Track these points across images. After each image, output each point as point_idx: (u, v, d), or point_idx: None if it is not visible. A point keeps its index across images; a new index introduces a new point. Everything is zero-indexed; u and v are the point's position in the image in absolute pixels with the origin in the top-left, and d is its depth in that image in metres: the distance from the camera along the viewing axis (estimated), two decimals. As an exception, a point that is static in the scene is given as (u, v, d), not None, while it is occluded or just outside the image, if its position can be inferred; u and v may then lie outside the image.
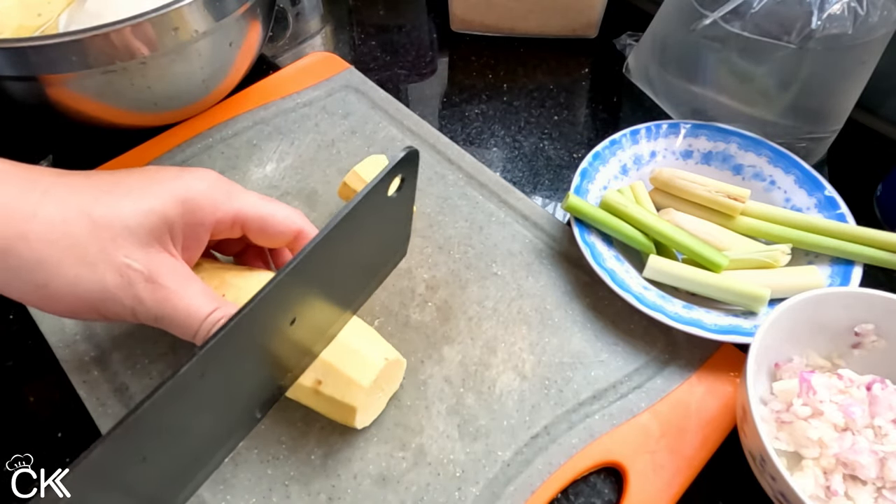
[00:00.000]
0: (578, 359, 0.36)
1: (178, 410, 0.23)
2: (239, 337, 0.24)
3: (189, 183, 0.28)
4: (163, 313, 0.27)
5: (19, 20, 0.45)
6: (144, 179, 0.28)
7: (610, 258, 0.39)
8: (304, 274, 0.26)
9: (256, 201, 0.31)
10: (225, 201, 0.29)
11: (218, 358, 0.23)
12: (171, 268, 0.27)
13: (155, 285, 0.26)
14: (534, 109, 0.54)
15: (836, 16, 0.39)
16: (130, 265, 0.26)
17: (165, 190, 0.27)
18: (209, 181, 0.29)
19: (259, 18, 0.47)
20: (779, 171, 0.44)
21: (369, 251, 0.32)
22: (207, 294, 0.28)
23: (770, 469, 0.28)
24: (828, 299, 0.33)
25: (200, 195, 0.28)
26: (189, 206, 0.28)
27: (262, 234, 0.31)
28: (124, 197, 0.27)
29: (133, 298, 0.26)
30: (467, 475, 0.32)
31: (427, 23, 0.64)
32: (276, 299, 0.25)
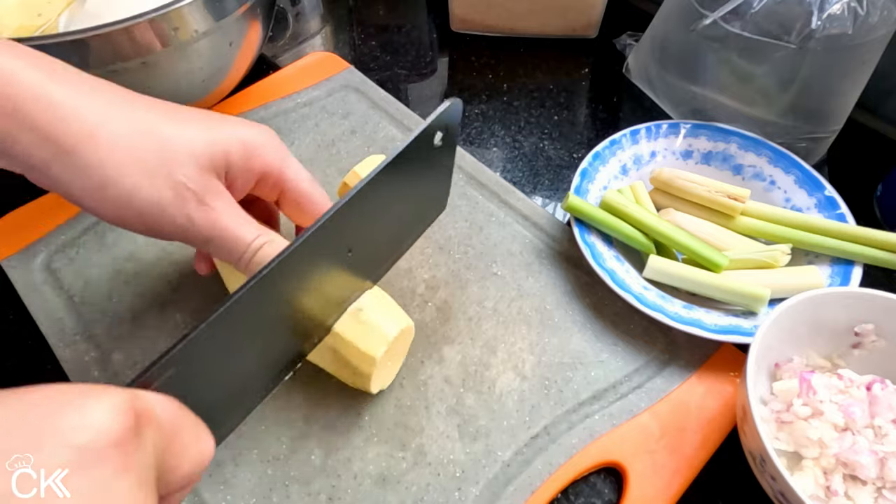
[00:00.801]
0: (578, 359, 0.36)
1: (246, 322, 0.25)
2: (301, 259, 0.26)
3: (253, 131, 0.30)
4: (211, 234, 0.28)
5: (19, 20, 0.45)
6: (212, 116, 0.29)
7: (610, 258, 0.39)
8: (359, 207, 0.28)
9: (302, 173, 0.32)
10: (278, 159, 0.30)
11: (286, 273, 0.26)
12: (221, 194, 0.28)
13: (206, 207, 0.27)
14: (534, 109, 0.54)
15: (836, 16, 0.39)
16: (186, 184, 0.27)
17: (231, 129, 0.29)
18: (269, 137, 0.31)
19: (259, 18, 0.47)
20: (779, 171, 0.44)
21: (414, 197, 0.34)
22: (252, 222, 0.29)
23: (770, 469, 0.28)
24: (828, 299, 0.33)
25: (260, 144, 0.30)
26: (248, 149, 0.29)
27: (295, 206, 0.32)
28: (192, 124, 0.28)
29: (185, 217, 0.27)
30: (467, 475, 0.32)
31: (427, 23, 0.64)
32: (336, 226, 0.27)
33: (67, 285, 0.39)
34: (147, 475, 0.16)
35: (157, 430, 0.17)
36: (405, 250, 0.38)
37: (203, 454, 0.20)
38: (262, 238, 0.28)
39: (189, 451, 0.19)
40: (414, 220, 0.36)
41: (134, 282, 0.39)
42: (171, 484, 0.18)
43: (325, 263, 0.29)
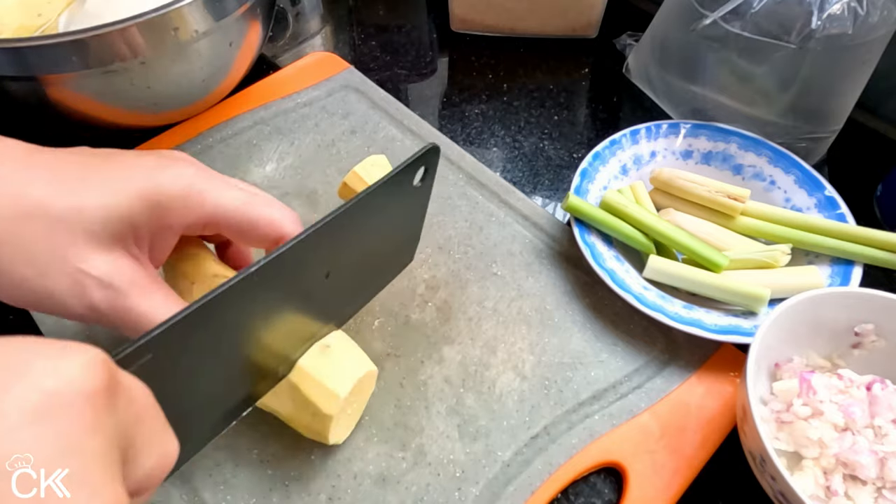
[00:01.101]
0: (578, 359, 0.36)
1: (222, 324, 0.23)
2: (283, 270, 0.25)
3: (161, 181, 0.26)
4: (121, 320, 0.25)
5: (19, 20, 0.45)
6: (118, 171, 0.26)
7: (610, 258, 0.39)
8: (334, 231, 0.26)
9: (235, 205, 0.28)
10: (197, 204, 0.27)
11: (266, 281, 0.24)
12: (131, 273, 0.25)
13: (113, 291, 0.25)
14: (534, 109, 0.54)
15: (836, 16, 0.39)
16: (87, 271, 0.24)
17: (134, 187, 0.25)
18: (184, 178, 0.27)
19: (259, 18, 0.47)
20: (779, 171, 0.44)
21: (383, 240, 0.33)
22: (170, 299, 0.26)
23: (770, 469, 0.28)
24: (828, 299, 0.33)
25: (171, 198, 0.26)
26: (157, 209, 0.26)
27: (239, 236, 0.29)
28: (89, 193, 0.25)
29: (86, 306, 0.25)
30: (467, 475, 0.32)
31: (427, 23, 0.64)
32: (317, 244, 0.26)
33: (67, 285, 0.39)
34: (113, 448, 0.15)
35: (128, 405, 0.16)
36: (371, 297, 0.36)
37: (167, 454, 0.18)
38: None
39: (154, 444, 0.18)
40: (384, 264, 0.35)
41: (134, 282, 0.39)
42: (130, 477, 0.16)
43: (304, 281, 0.27)
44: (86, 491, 0.14)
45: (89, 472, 0.14)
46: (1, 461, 0.13)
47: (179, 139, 0.47)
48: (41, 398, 0.14)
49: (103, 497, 0.14)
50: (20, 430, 0.13)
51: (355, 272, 0.32)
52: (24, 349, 0.15)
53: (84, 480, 0.14)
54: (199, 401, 0.25)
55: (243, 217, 0.28)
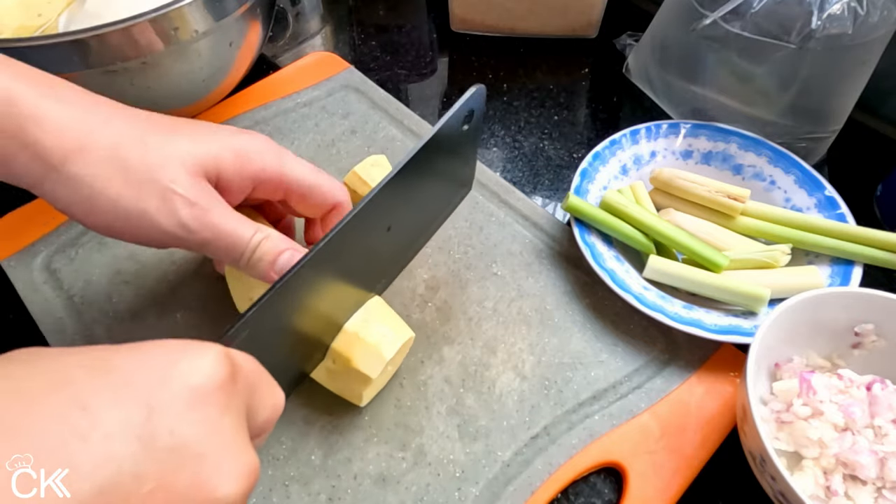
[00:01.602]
0: (578, 359, 0.36)
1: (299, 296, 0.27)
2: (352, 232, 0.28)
3: (244, 139, 0.30)
4: (206, 236, 0.27)
5: (19, 20, 0.45)
6: (203, 128, 0.29)
7: (610, 258, 0.39)
8: (397, 187, 0.30)
9: (304, 169, 0.31)
10: (274, 163, 0.30)
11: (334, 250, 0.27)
12: (212, 196, 0.28)
13: (199, 209, 0.27)
14: (534, 109, 0.54)
15: (836, 16, 0.39)
16: (175, 189, 0.27)
17: (223, 139, 0.29)
18: (262, 142, 0.30)
19: (259, 18, 0.47)
20: (779, 171, 0.44)
21: (443, 177, 0.35)
22: (246, 219, 0.29)
23: (770, 469, 0.28)
24: (828, 299, 0.33)
25: (253, 150, 0.30)
26: (240, 157, 0.29)
27: (302, 200, 0.32)
28: (181, 134, 0.28)
29: (175, 222, 0.27)
30: (467, 475, 0.32)
31: (427, 23, 0.64)
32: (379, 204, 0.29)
33: (67, 285, 0.39)
34: (242, 416, 0.19)
35: (245, 380, 0.20)
36: (435, 230, 0.39)
37: (277, 404, 0.22)
38: (259, 234, 0.28)
39: (266, 401, 0.21)
40: (443, 199, 0.38)
41: (134, 282, 0.39)
42: (253, 429, 0.20)
43: (367, 241, 0.30)
44: (229, 460, 0.18)
45: (229, 444, 0.18)
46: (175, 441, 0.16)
47: (179, 139, 0.47)
48: (192, 393, 0.17)
49: (241, 461, 0.18)
50: (183, 418, 0.17)
51: (415, 218, 0.35)
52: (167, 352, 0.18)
53: (227, 451, 0.18)
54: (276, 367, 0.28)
55: (313, 181, 0.31)
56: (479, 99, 0.32)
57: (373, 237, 0.31)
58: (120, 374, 0.17)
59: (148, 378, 0.17)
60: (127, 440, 0.16)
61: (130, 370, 0.17)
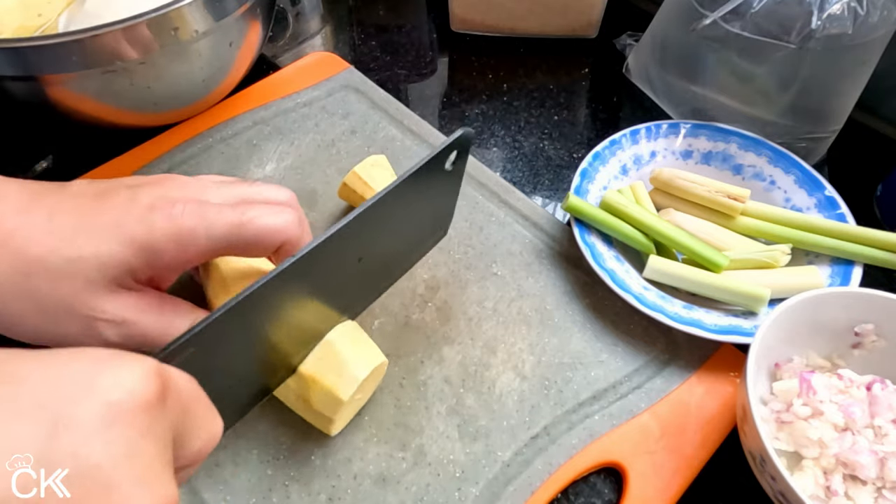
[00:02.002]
0: (578, 359, 0.36)
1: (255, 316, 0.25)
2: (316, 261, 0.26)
3: (154, 225, 0.26)
4: (139, 343, 0.27)
5: (20, 20, 0.45)
6: (108, 215, 0.27)
7: (610, 258, 0.39)
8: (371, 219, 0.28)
9: (229, 232, 0.27)
10: (192, 243, 0.27)
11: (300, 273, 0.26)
12: (137, 303, 0.27)
13: (125, 324, 0.26)
14: (534, 109, 0.54)
15: (836, 16, 0.39)
16: (95, 316, 0.26)
17: (128, 235, 0.26)
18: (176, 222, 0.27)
19: (259, 18, 0.47)
20: (779, 171, 0.44)
21: (416, 221, 0.34)
22: (181, 311, 0.28)
23: (770, 469, 0.28)
24: (828, 299, 0.33)
25: (165, 241, 0.26)
26: (151, 254, 0.26)
27: (244, 254, 0.30)
28: (86, 246, 0.26)
29: (102, 342, 0.26)
30: (467, 475, 0.32)
31: (427, 23, 0.64)
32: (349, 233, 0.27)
33: (67, 285, 0.39)
34: (167, 443, 0.17)
35: (177, 402, 0.18)
36: (407, 270, 0.38)
37: (213, 434, 0.20)
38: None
39: (201, 429, 0.19)
40: (417, 239, 0.37)
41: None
42: (181, 458, 0.19)
43: (337, 268, 0.29)
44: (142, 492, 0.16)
45: (146, 474, 0.16)
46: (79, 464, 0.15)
47: (179, 139, 0.47)
48: (108, 410, 0.15)
49: (157, 494, 0.16)
50: (93, 438, 0.15)
51: (388, 253, 0.34)
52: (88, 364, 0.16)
53: (141, 482, 0.16)
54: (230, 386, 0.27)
55: (240, 240, 0.28)
56: (465, 142, 0.31)
57: (343, 266, 0.29)
58: (27, 384, 0.15)
59: (60, 391, 0.15)
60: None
61: (41, 380, 0.15)
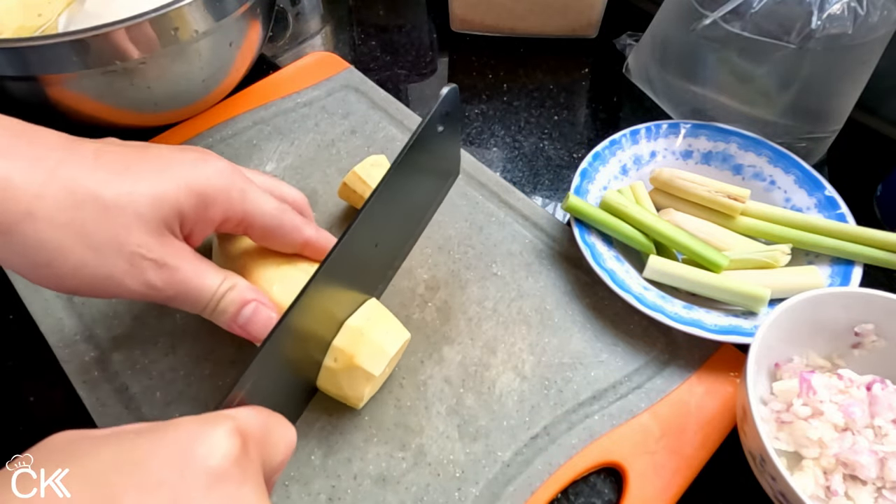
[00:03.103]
0: (578, 359, 0.36)
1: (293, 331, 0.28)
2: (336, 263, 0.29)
3: (206, 174, 0.28)
4: (175, 292, 0.27)
5: (20, 20, 0.45)
6: (161, 162, 0.27)
7: (610, 258, 0.39)
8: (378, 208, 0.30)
9: (270, 209, 0.30)
10: (238, 201, 0.29)
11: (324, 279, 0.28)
12: (180, 250, 0.27)
13: (166, 269, 0.26)
14: (534, 109, 0.54)
15: (836, 16, 0.39)
16: (143, 253, 0.26)
17: (181, 178, 0.27)
18: (226, 176, 0.28)
19: (259, 18, 0.47)
20: (779, 171, 0.44)
21: (430, 177, 0.37)
22: (214, 269, 0.28)
23: (770, 469, 0.28)
24: (828, 299, 0.33)
25: (216, 190, 0.28)
26: (202, 200, 0.27)
27: (263, 238, 0.31)
28: (138, 181, 0.26)
29: (143, 284, 0.26)
30: (467, 475, 0.32)
31: (427, 23, 0.64)
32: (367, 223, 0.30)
33: (67, 285, 0.39)
34: (258, 479, 0.20)
35: (255, 442, 0.21)
36: (427, 222, 0.40)
37: (290, 442, 0.23)
38: (225, 284, 0.28)
39: (278, 445, 0.23)
40: (431, 194, 0.39)
41: (134, 282, 0.39)
42: (269, 474, 0.22)
43: (355, 260, 0.31)
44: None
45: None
46: None
47: (179, 139, 0.47)
48: (210, 475, 0.19)
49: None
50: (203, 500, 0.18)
51: (403, 225, 0.36)
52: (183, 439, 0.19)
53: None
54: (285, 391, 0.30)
55: (276, 221, 0.30)
56: (453, 98, 0.33)
57: (362, 254, 0.31)
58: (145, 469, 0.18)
59: (170, 469, 0.19)
60: None
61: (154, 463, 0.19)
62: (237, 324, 0.29)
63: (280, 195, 0.33)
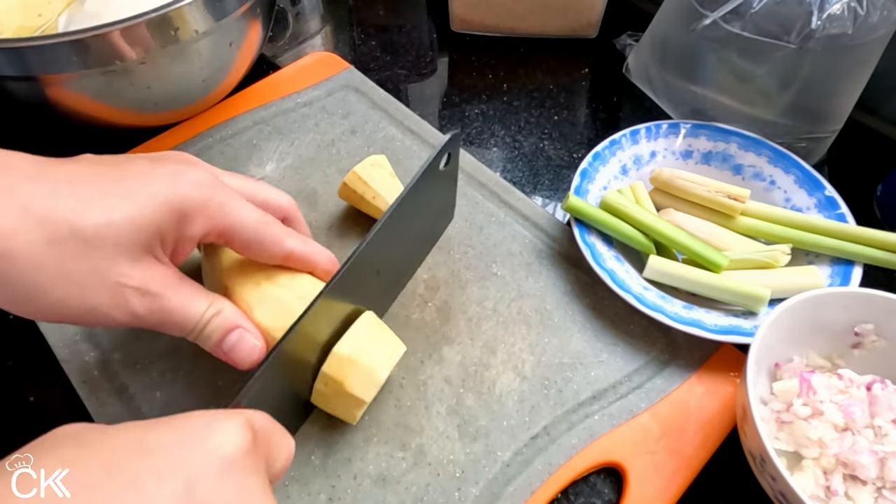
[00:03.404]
0: (578, 359, 0.36)
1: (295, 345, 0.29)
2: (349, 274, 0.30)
3: (185, 189, 0.27)
4: (160, 319, 0.27)
5: (20, 20, 0.45)
6: (138, 181, 0.26)
7: (610, 258, 0.39)
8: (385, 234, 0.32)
9: (250, 223, 0.29)
10: (217, 215, 0.28)
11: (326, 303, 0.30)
12: (164, 276, 0.27)
13: (150, 296, 0.26)
14: (534, 109, 0.54)
15: (836, 16, 0.39)
16: (125, 282, 0.25)
17: (159, 196, 0.26)
18: (205, 189, 0.28)
19: (259, 18, 0.47)
20: (779, 171, 0.44)
21: (427, 215, 0.38)
22: (199, 293, 0.28)
23: (770, 469, 0.28)
24: (828, 299, 0.33)
25: (194, 206, 0.27)
26: (181, 216, 0.27)
27: (245, 250, 0.30)
28: (115, 208, 0.25)
29: (128, 313, 0.26)
30: (467, 475, 0.32)
31: (427, 23, 0.64)
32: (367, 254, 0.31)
33: (67, 285, 0.39)
34: (264, 473, 0.21)
35: (262, 439, 0.22)
36: (422, 261, 0.41)
37: (290, 451, 0.24)
38: (211, 310, 0.28)
39: (282, 452, 0.23)
40: (428, 234, 0.40)
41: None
42: (271, 477, 0.23)
43: (359, 285, 0.32)
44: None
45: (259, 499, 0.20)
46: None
47: (179, 139, 0.47)
48: (223, 463, 0.20)
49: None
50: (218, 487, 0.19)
51: (402, 257, 0.37)
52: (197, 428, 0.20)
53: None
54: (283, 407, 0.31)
55: (257, 235, 0.30)
56: (454, 143, 0.35)
57: (363, 282, 0.32)
58: (160, 454, 0.19)
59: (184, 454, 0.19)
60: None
61: (168, 449, 0.19)
62: (221, 349, 0.28)
63: (264, 201, 0.32)
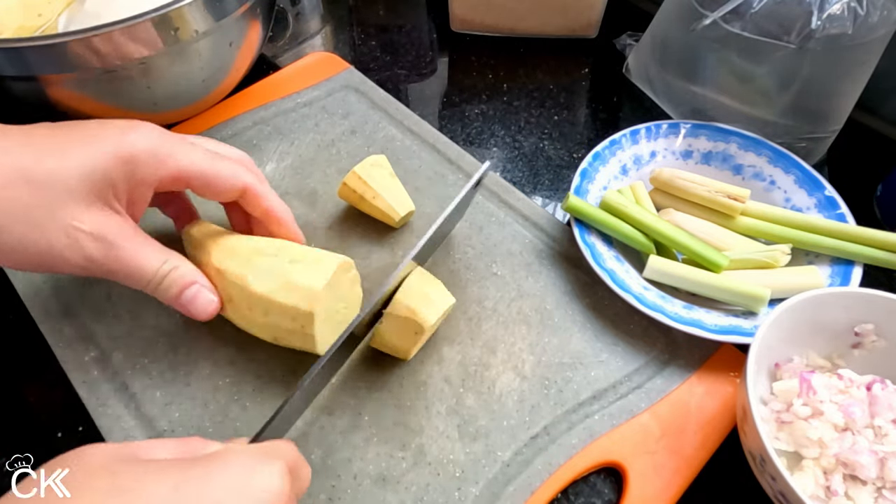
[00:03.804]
0: (578, 359, 0.36)
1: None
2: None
3: (132, 140, 0.28)
4: (115, 268, 0.28)
5: (20, 20, 0.45)
6: (86, 136, 0.28)
7: (610, 258, 0.39)
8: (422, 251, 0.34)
9: (201, 159, 0.31)
10: (167, 160, 0.29)
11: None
12: (117, 225, 0.28)
13: (104, 243, 0.27)
14: (534, 109, 0.54)
15: (836, 16, 0.39)
16: (77, 227, 0.27)
17: (107, 147, 0.27)
18: (152, 139, 0.29)
19: (259, 18, 0.47)
20: (779, 171, 0.44)
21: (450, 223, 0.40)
22: (156, 247, 0.29)
23: (770, 469, 0.28)
24: (828, 299, 0.33)
25: (143, 153, 0.28)
26: (131, 166, 0.28)
27: (206, 190, 0.32)
28: (64, 157, 0.27)
29: (83, 257, 0.27)
30: (467, 475, 0.32)
31: (427, 23, 0.64)
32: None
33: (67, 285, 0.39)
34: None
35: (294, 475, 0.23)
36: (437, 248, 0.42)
37: (307, 478, 0.26)
38: (167, 265, 0.29)
39: (302, 477, 0.25)
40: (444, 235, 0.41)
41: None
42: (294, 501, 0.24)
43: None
44: None
45: None
46: None
47: (179, 139, 0.47)
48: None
49: None
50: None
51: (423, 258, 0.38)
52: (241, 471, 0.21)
53: None
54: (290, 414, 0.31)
55: (208, 170, 0.31)
56: (487, 172, 0.38)
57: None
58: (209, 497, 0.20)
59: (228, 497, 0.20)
60: None
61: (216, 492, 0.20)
62: (179, 302, 0.30)
63: (214, 150, 0.33)
